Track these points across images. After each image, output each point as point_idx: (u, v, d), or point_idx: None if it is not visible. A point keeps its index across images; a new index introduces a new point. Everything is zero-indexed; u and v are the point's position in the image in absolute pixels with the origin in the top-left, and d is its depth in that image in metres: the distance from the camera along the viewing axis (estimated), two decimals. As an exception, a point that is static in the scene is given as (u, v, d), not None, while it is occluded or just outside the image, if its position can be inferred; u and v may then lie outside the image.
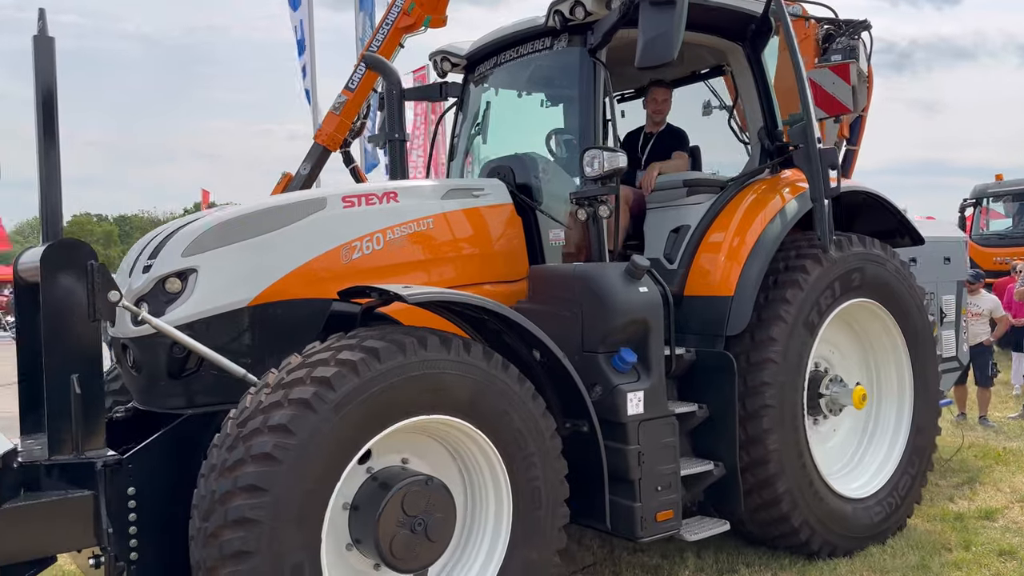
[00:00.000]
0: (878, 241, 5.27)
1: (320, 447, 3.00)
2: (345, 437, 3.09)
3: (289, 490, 2.93)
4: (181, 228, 3.84)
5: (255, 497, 2.88)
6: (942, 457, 7.23)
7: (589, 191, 4.36)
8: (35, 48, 3.60)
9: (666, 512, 4.10)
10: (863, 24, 6.51)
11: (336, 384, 3.05)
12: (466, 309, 3.77)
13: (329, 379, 3.06)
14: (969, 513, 5.71)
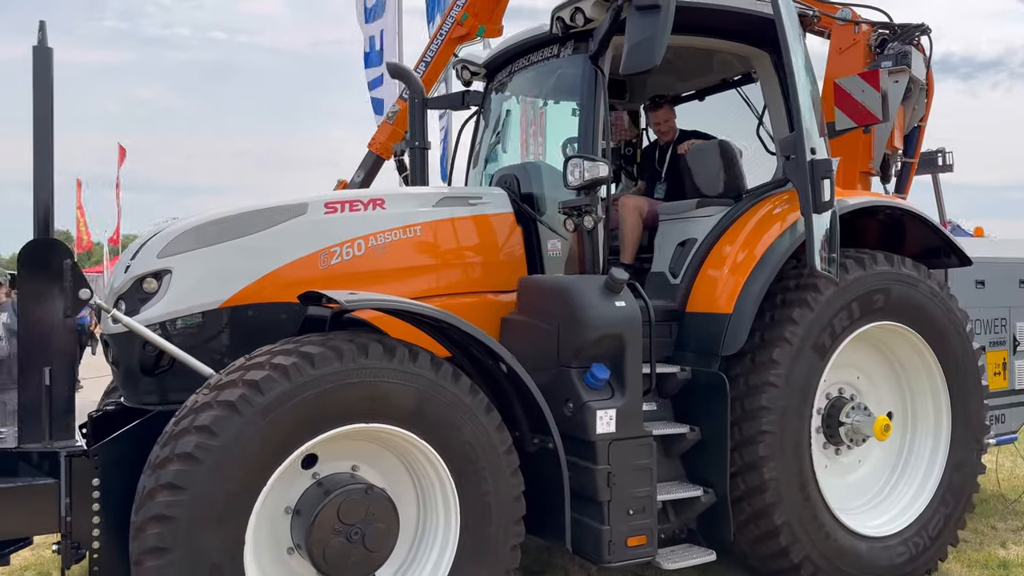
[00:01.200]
0: (909, 260, 4.90)
1: (244, 450, 3.03)
2: (273, 441, 3.11)
3: (208, 490, 2.97)
4: (162, 231, 3.98)
5: (174, 495, 2.94)
6: (1007, 498, 6.66)
7: (573, 201, 4.25)
8: (34, 58, 3.81)
9: (638, 538, 3.93)
10: (920, 28, 6.08)
11: (264, 388, 3.08)
12: (421, 318, 3.73)
13: (257, 382, 3.09)
14: (1017, 561, 5.21)
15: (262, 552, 3.29)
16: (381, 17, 11.15)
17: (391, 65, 6.03)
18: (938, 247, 5.37)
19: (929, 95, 6.31)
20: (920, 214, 5.09)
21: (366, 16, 11.05)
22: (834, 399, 4.91)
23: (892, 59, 5.84)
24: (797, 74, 3.97)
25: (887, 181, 6.26)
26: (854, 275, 4.61)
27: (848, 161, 6.03)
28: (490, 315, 4.43)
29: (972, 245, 6.53)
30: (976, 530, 5.85)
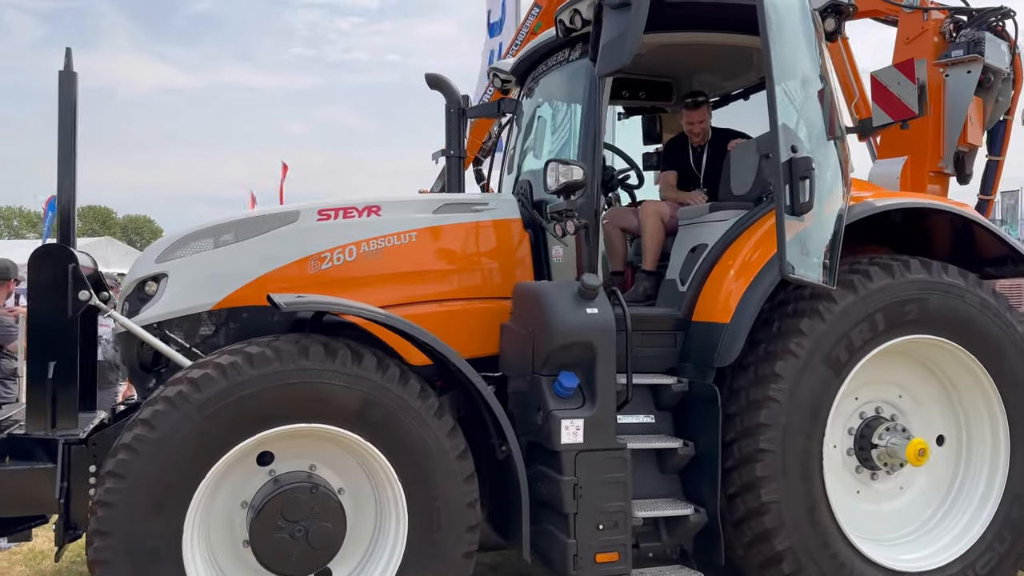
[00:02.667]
0: (955, 268, 4.42)
1: (181, 443, 3.21)
2: (211, 436, 3.26)
3: (145, 479, 3.16)
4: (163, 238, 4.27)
5: (115, 482, 3.16)
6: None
7: (557, 206, 4.16)
8: (60, 82, 4.21)
9: (609, 554, 3.78)
10: (999, 11, 5.50)
11: (202, 385, 3.24)
12: (367, 320, 3.76)
13: (196, 380, 3.25)
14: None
15: (216, 543, 3.46)
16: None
17: (428, 76, 6.14)
18: (1005, 255, 4.81)
19: (1017, 85, 5.69)
20: (973, 217, 4.58)
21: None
22: (869, 419, 4.51)
23: (963, 47, 5.33)
24: (775, 67, 3.70)
25: (965, 181, 5.69)
26: (879, 283, 4.22)
27: (917, 160, 5.57)
28: (492, 320, 4.43)
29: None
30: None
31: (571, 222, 4.14)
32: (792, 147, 3.70)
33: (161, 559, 3.20)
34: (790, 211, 3.70)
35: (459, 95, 5.83)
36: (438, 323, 4.32)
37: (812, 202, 3.70)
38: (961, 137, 5.45)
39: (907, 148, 5.60)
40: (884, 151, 5.79)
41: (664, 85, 5.99)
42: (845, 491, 4.49)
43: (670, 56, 5.35)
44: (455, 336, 4.35)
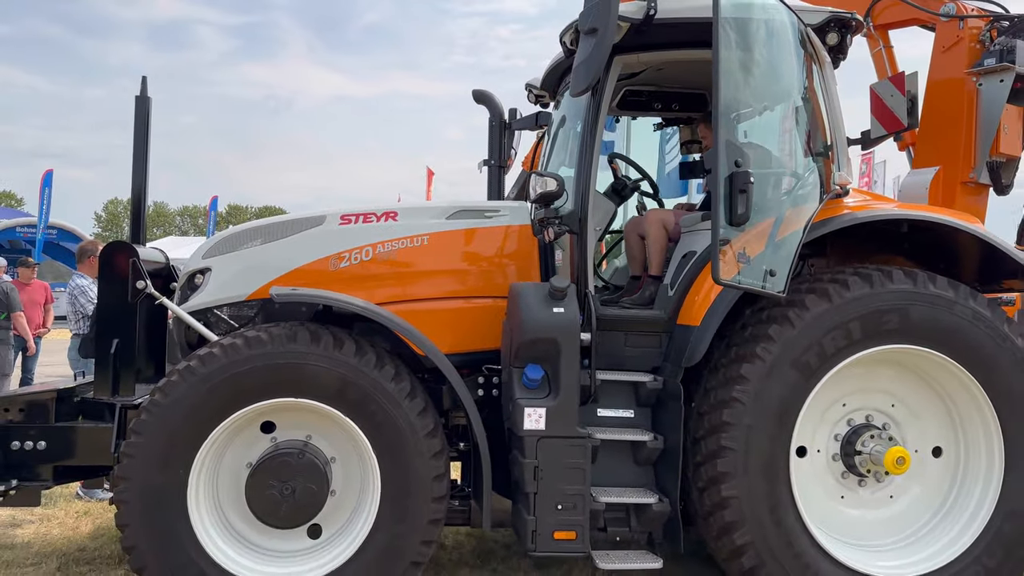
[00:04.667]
0: (944, 279, 4.43)
1: (187, 409, 3.88)
2: (212, 404, 3.91)
3: (155, 437, 3.86)
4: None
5: (134, 437, 3.88)
6: None
7: (538, 214, 4.54)
8: (136, 107, 5.04)
9: (566, 532, 4.14)
10: (1040, 16, 5.34)
11: (207, 361, 3.91)
12: (352, 311, 4.29)
13: (203, 357, 3.92)
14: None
15: (224, 497, 4.12)
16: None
17: (475, 92, 6.63)
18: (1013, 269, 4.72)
19: (1065, 92, 5.48)
20: (964, 227, 4.54)
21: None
22: (858, 426, 4.60)
23: (995, 56, 5.25)
24: (723, 83, 3.89)
25: (1003, 192, 5.56)
26: (856, 293, 4.32)
27: (948, 171, 5.52)
28: (497, 318, 4.87)
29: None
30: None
31: (552, 229, 4.50)
32: (736, 162, 3.91)
33: (168, 504, 3.88)
34: (728, 221, 3.90)
35: (502, 108, 6.31)
36: (446, 319, 4.84)
37: (748, 213, 3.89)
38: (994, 147, 5.34)
39: (940, 158, 5.54)
40: (919, 161, 5.73)
41: (698, 97, 6.17)
42: (827, 495, 4.60)
43: (699, 70, 5.57)
44: (464, 331, 4.86)
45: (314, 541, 4.20)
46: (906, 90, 4.80)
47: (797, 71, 4.35)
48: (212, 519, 4.05)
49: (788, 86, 4.30)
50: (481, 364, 4.84)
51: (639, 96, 5.92)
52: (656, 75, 5.63)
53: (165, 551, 3.88)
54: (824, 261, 5.00)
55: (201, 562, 3.91)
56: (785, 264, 4.08)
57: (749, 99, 4.17)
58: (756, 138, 4.17)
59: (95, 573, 4.89)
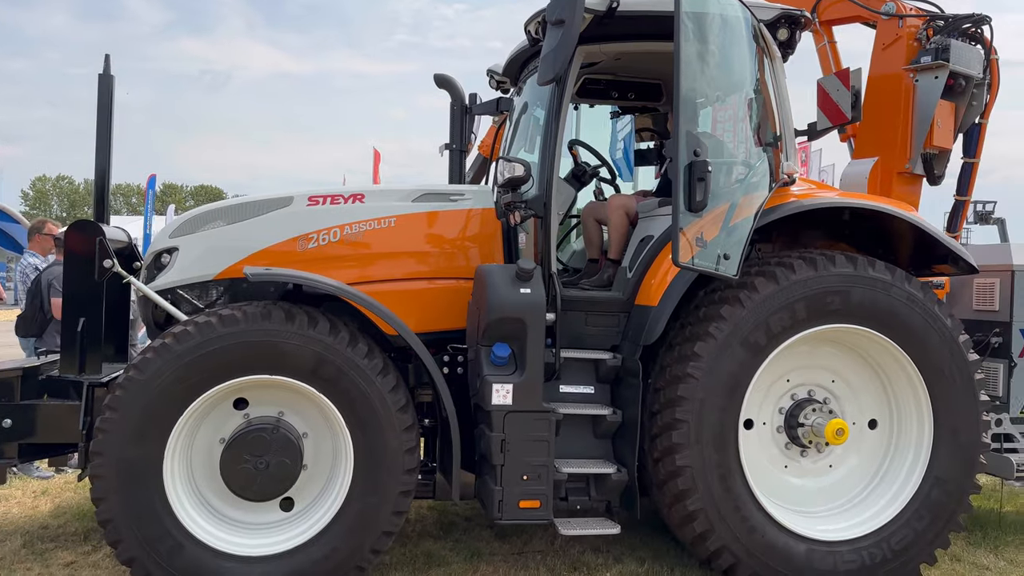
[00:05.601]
0: (881, 263, 4.75)
1: (162, 385, 3.95)
2: (187, 381, 4.00)
3: (130, 413, 3.93)
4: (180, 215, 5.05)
5: (108, 413, 3.95)
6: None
7: (504, 198, 4.70)
8: (99, 85, 5.02)
9: (531, 501, 4.35)
10: (972, 18, 5.71)
11: (181, 339, 3.99)
12: (323, 290, 4.41)
13: (177, 335, 4.00)
14: (1016, 593, 4.83)
15: (198, 471, 4.22)
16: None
17: (436, 76, 6.74)
18: (945, 254, 5.09)
19: (993, 90, 5.91)
20: (897, 213, 4.87)
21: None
22: (800, 400, 4.91)
23: (931, 54, 5.59)
24: (684, 74, 4.12)
25: (935, 182, 5.94)
26: (802, 275, 4.60)
27: (886, 161, 5.86)
28: (464, 299, 5.02)
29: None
30: (1013, 560, 5.42)
31: (518, 212, 4.68)
32: (695, 151, 4.14)
33: (144, 478, 3.97)
34: (687, 208, 4.14)
35: (463, 93, 6.42)
36: (412, 299, 4.97)
37: (706, 200, 4.13)
38: (928, 140, 5.70)
39: (878, 150, 5.89)
40: (859, 152, 6.07)
41: (654, 86, 6.40)
42: (772, 464, 4.91)
43: (655, 61, 5.79)
44: (429, 311, 5.00)
45: (286, 513, 4.33)
46: (851, 85, 5.10)
47: (750, 65, 4.60)
48: (187, 493, 4.15)
49: (742, 79, 4.55)
50: (445, 343, 4.99)
51: (597, 84, 6.11)
52: (614, 64, 5.82)
53: (141, 524, 3.96)
54: (771, 246, 5.29)
55: (177, 534, 4.00)
56: (738, 248, 4.34)
57: (707, 91, 4.39)
58: (713, 128, 4.40)
59: (61, 550, 4.92)
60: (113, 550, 4.06)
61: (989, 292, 5.86)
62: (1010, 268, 5.68)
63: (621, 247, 5.40)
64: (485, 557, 5.01)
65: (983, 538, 5.77)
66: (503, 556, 5.06)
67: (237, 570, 4.08)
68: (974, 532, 5.81)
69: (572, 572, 4.81)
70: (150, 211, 25.62)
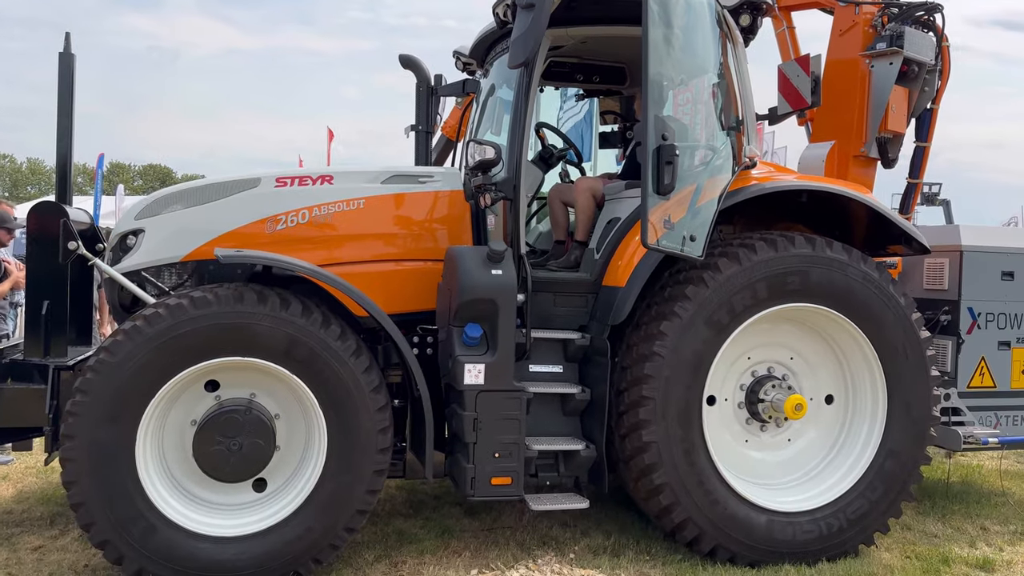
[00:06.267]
0: (839, 244, 4.91)
1: (134, 368, 3.94)
2: (159, 363, 3.99)
3: (102, 396, 3.91)
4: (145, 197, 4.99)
5: (80, 396, 3.92)
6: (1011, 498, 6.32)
7: (475, 180, 4.75)
8: (59, 63, 4.93)
9: (503, 478, 4.44)
10: (925, 6, 5.89)
11: (153, 321, 3.97)
12: (299, 273, 4.42)
13: (149, 317, 3.98)
14: (962, 558, 5.07)
15: (169, 454, 4.21)
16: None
17: (402, 56, 6.73)
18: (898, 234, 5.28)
19: (944, 76, 6.10)
20: (855, 196, 5.05)
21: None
22: (760, 377, 5.06)
23: (886, 40, 5.75)
24: (652, 59, 4.20)
25: (889, 165, 6.14)
26: (763, 256, 4.74)
27: (842, 145, 6.02)
28: (433, 281, 5.06)
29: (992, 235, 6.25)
30: (959, 528, 5.69)
31: (489, 195, 4.73)
32: (663, 135, 4.23)
33: (116, 461, 3.95)
34: (655, 191, 4.24)
35: (429, 75, 6.42)
36: (382, 280, 4.99)
37: (674, 183, 4.24)
38: (883, 124, 5.88)
39: (835, 134, 6.06)
40: (816, 136, 6.24)
41: (618, 70, 6.48)
42: (734, 439, 5.08)
43: (619, 45, 5.86)
44: (398, 292, 5.03)
45: (259, 494, 4.35)
46: (811, 71, 5.24)
47: (715, 49, 4.70)
48: (159, 474, 4.14)
49: (707, 63, 4.64)
50: (414, 325, 5.04)
51: (562, 68, 6.17)
52: (580, 48, 5.88)
53: (113, 506, 3.95)
54: (731, 228, 5.43)
55: (150, 515, 4.00)
56: (703, 230, 4.46)
57: (674, 75, 4.48)
58: (679, 112, 4.50)
59: (28, 534, 4.87)
60: (85, 533, 4.04)
61: (939, 272, 6.09)
62: (959, 249, 5.92)
63: (588, 229, 5.48)
64: (456, 534, 5.10)
65: (931, 507, 6.04)
66: (473, 532, 5.16)
67: (211, 550, 4.09)
68: (923, 502, 6.07)
69: (541, 547, 4.92)
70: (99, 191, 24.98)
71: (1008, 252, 6.01)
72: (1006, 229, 6.65)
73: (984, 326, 6.02)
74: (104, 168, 37.66)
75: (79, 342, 5.12)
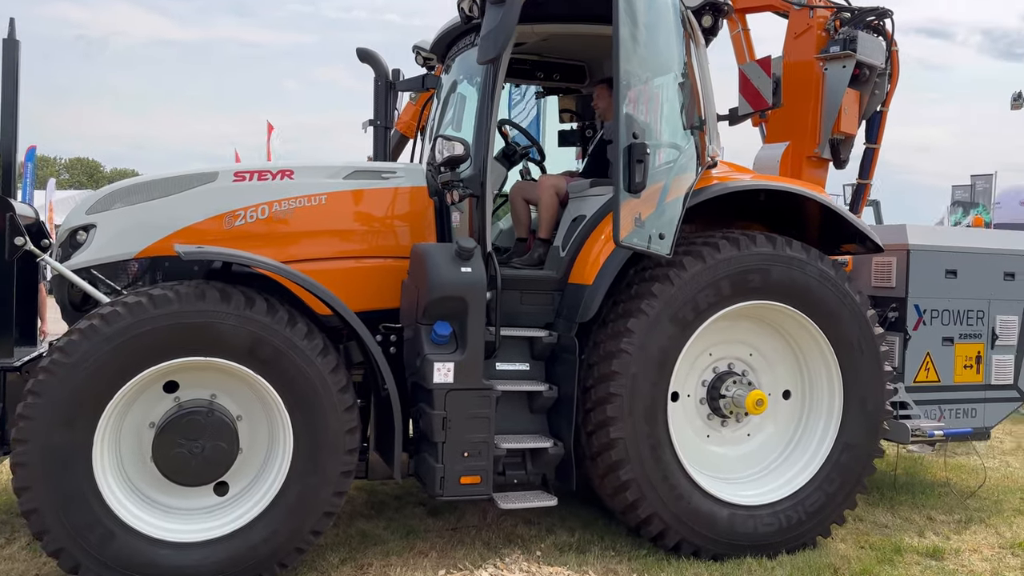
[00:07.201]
0: (797, 243, 5.01)
1: (90, 369, 3.78)
2: (117, 364, 3.84)
3: (57, 398, 3.75)
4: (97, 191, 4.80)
5: (32, 399, 3.75)
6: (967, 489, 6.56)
7: (443, 176, 4.70)
8: (3, 50, 4.70)
9: (472, 477, 4.40)
10: (876, 11, 6.06)
11: (111, 320, 3.82)
12: (265, 270, 4.31)
13: (106, 315, 3.83)
14: (913, 547, 5.23)
15: (126, 457, 4.06)
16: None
17: (359, 50, 6.63)
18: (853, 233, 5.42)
19: (893, 80, 6.28)
20: (813, 196, 5.16)
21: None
22: (721, 373, 5.13)
23: (840, 44, 5.89)
24: (623, 58, 4.23)
25: (840, 166, 6.29)
26: (726, 254, 4.81)
27: (796, 146, 6.15)
28: (395, 278, 4.99)
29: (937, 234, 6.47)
30: (908, 518, 5.87)
31: (457, 191, 4.68)
32: (633, 134, 4.26)
33: (72, 465, 3.79)
34: (627, 189, 4.26)
35: (387, 69, 6.34)
36: (344, 278, 4.90)
37: (645, 182, 4.27)
38: (836, 126, 6.03)
39: (789, 135, 6.19)
40: (771, 137, 6.36)
41: (578, 68, 6.50)
42: (696, 434, 5.14)
43: (581, 43, 5.88)
44: (361, 290, 4.95)
45: (221, 498, 4.23)
46: (772, 72, 5.34)
47: (680, 49, 4.74)
48: (116, 479, 3.99)
49: (673, 63, 4.68)
50: (376, 323, 4.96)
51: (523, 65, 6.16)
52: (540, 45, 5.88)
53: (69, 513, 3.79)
54: (691, 226, 5.49)
55: (108, 521, 3.85)
56: (671, 228, 4.50)
57: (643, 74, 4.50)
58: (647, 111, 4.52)
59: (-30, 544, 4.64)
60: (37, 541, 3.87)
61: (887, 270, 6.28)
62: (906, 247, 6.10)
63: (551, 227, 5.48)
64: (420, 534, 5.04)
65: (880, 499, 6.22)
66: (438, 532, 5.11)
67: (172, 556, 3.96)
68: (872, 494, 6.25)
69: (508, 545, 4.90)
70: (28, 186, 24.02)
71: (952, 251, 6.23)
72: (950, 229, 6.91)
73: (929, 323, 6.22)
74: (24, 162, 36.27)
75: (23, 342, 4.89)
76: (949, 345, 6.30)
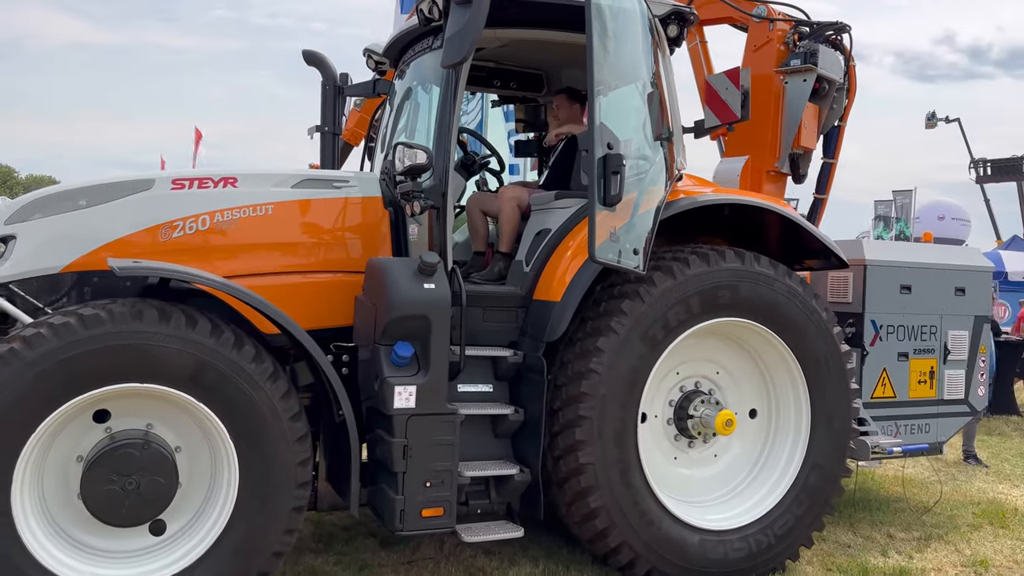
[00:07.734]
0: (766, 259, 4.89)
1: (10, 398, 3.36)
2: (41, 392, 3.42)
3: (-26, 429, 3.30)
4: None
5: (-54, 431, 3.29)
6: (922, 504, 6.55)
7: (404, 186, 4.41)
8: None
9: (434, 509, 4.10)
10: (835, 26, 6.02)
11: (34, 344, 3.40)
12: (211, 288, 3.95)
13: (28, 338, 3.41)
14: (879, 568, 5.14)
15: (49, 495, 3.63)
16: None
17: (305, 53, 6.27)
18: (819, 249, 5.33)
19: (851, 94, 6.25)
20: (786, 214, 5.06)
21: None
22: (688, 392, 4.96)
23: (800, 57, 5.81)
24: (597, 67, 4.03)
25: (799, 180, 6.22)
26: (696, 270, 4.64)
27: (756, 160, 6.04)
28: (347, 294, 4.65)
29: (892, 249, 6.47)
30: (869, 536, 5.80)
31: (417, 203, 4.39)
32: (608, 144, 4.06)
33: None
34: (602, 202, 4.05)
35: (335, 72, 5.99)
36: (291, 294, 4.54)
37: (621, 194, 4.07)
38: (796, 140, 5.95)
39: (749, 148, 6.09)
40: (730, 150, 6.26)
41: (535, 77, 6.29)
42: (664, 457, 4.95)
43: (540, 51, 5.66)
44: (310, 307, 4.59)
45: (157, 538, 3.83)
46: (740, 84, 5.22)
47: (648, 58, 4.56)
48: (39, 522, 3.56)
49: (643, 72, 4.50)
50: (326, 342, 4.62)
51: (479, 72, 5.91)
52: (498, 52, 5.65)
53: (-17, 563, 3.35)
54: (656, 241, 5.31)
55: (32, 572, 3.42)
56: (643, 243, 4.31)
57: (614, 83, 4.31)
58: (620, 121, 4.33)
59: None
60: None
61: (843, 285, 6.24)
62: (863, 263, 6.07)
63: (512, 240, 5.23)
64: (374, 569, 4.71)
65: (839, 516, 6.14)
66: (392, 567, 4.79)
67: (103, 607, 3.55)
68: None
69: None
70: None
71: (907, 266, 6.23)
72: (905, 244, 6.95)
73: (885, 338, 6.21)
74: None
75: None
76: (904, 360, 6.29)
